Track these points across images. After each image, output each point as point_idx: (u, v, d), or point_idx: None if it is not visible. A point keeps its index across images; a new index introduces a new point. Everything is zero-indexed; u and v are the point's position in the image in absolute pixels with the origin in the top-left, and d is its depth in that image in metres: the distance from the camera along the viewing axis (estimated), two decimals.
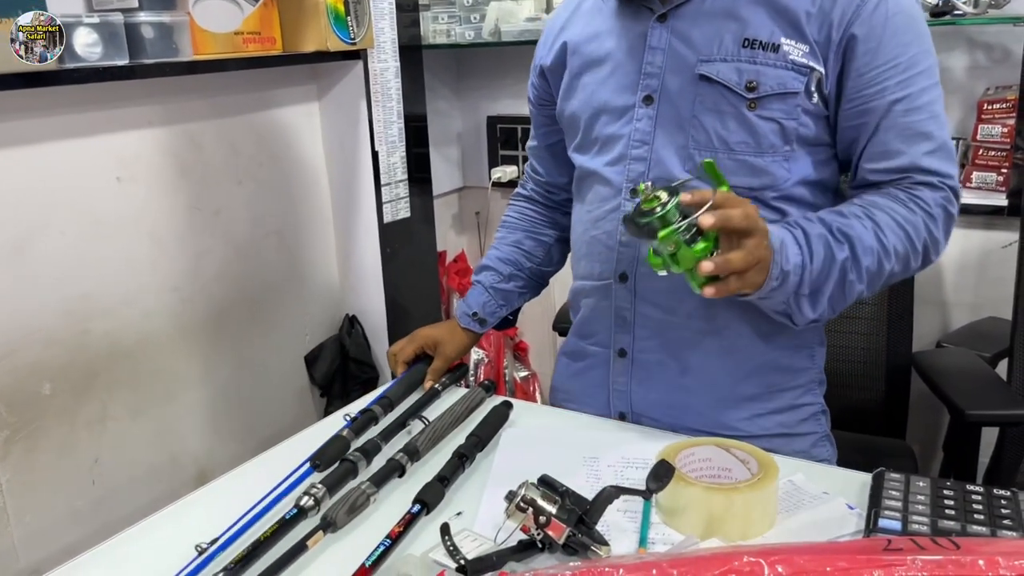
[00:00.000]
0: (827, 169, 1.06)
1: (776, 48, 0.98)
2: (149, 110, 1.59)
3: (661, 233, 0.85)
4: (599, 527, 0.84)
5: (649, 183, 0.88)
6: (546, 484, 0.89)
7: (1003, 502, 0.86)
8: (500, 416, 1.16)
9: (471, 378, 2.46)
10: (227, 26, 1.63)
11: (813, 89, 0.99)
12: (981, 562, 0.67)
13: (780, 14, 0.99)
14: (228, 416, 1.83)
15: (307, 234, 1.99)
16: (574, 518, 0.82)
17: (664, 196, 0.86)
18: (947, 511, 0.85)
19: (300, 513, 0.93)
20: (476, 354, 2.52)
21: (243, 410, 1.86)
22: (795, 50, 0.98)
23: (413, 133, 2.09)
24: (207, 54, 1.58)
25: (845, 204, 1.02)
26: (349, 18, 1.77)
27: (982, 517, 0.83)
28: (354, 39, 1.80)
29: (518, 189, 1.41)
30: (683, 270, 0.88)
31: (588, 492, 0.88)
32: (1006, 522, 0.83)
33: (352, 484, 0.99)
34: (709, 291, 0.88)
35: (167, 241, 1.65)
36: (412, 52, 2.05)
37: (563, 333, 1.84)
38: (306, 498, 0.94)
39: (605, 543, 0.82)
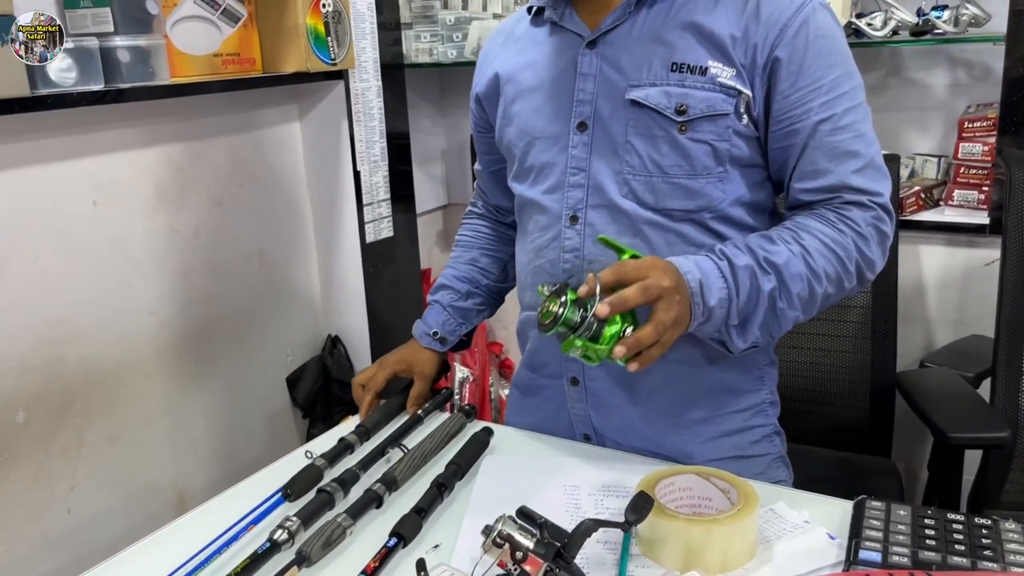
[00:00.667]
0: (762, 191, 1.07)
1: (704, 71, 1.00)
2: (126, 133, 1.58)
3: (563, 345, 0.87)
4: (578, 559, 0.83)
5: (544, 286, 0.91)
6: (524, 516, 0.88)
7: (984, 531, 0.86)
8: (480, 443, 1.15)
9: (456, 397, 2.44)
10: (205, 48, 1.62)
11: (742, 111, 1.00)
12: None
13: (707, 38, 1.00)
14: (208, 440, 1.81)
15: (288, 255, 1.98)
16: (552, 552, 0.81)
17: (556, 307, 0.88)
18: (928, 541, 0.84)
19: (273, 547, 0.91)
20: (461, 372, 2.50)
21: (224, 434, 1.84)
22: (723, 72, 0.99)
23: (396, 151, 2.08)
24: (185, 76, 1.57)
25: (776, 228, 1.02)
26: (329, 39, 1.77)
27: (963, 548, 0.83)
28: (335, 59, 1.79)
29: (470, 208, 1.39)
30: (601, 361, 0.89)
31: (568, 522, 0.86)
32: (987, 552, 0.82)
33: (328, 516, 0.97)
34: (633, 366, 0.89)
35: (145, 264, 1.64)
36: (394, 71, 2.05)
37: None
38: (280, 531, 0.92)
39: None
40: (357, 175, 1.97)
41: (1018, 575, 0.79)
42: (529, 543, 0.80)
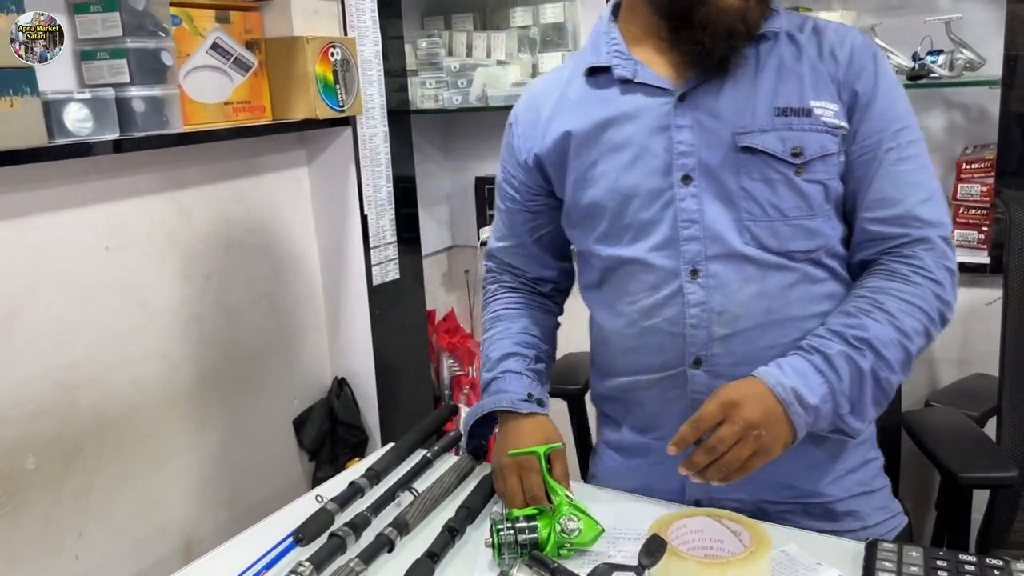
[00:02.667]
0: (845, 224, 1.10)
1: (808, 112, 1.02)
2: (139, 179, 1.60)
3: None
4: None
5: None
6: (538, 562, 0.89)
7: (996, 572, 0.86)
8: (490, 486, 1.15)
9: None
10: (217, 96, 1.65)
11: (842, 147, 1.04)
12: None
13: (804, 79, 1.03)
14: (216, 484, 1.80)
15: (296, 298, 1.99)
16: None
17: (489, 538, 0.97)
18: None
19: None
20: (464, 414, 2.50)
21: (231, 477, 1.84)
22: (826, 111, 1.02)
23: (402, 194, 2.10)
24: (197, 124, 1.61)
25: (851, 300, 1.03)
26: (338, 86, 1.80)
27: None
28: (343, 106, 1.82)
29: (495, 286, 1.30)
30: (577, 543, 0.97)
31: (581, 566, 0.87)
32: None
33: (340, 561, 0.98)
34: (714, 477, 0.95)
35: (156, 308, 1.65)
36: (400, 116, 2.09)
37: (552, 395, 1.82)
38: None
39: None
40: (364, 219, 1.99)
41: None
42: None
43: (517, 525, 0.95)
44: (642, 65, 1.07)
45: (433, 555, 0.97)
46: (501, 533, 0.95)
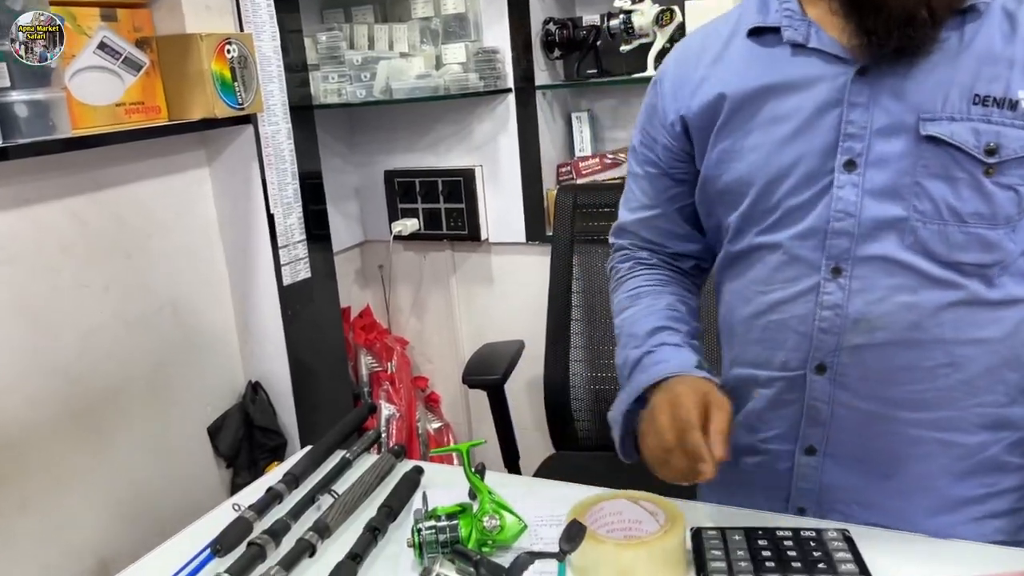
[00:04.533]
0: None
1: (1014, 105, 0.87)
2: (25, 188, 1.53)
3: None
4: None
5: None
6: (460, 554, 0.89)
7: (812, 544, 0.91)
8: (411, 483, 1.15)
9: (383, 436, 2.43)
10: (107, 98, 1.59)
11: None
12: None
13: (1016, 64, 0.87)
14: (128, 500, 1.74)
15: (203, 303, 1.94)
16: None
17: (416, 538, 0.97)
18: (767, 563, 0.88)
19: None
20: (387, 409, 2.49)
21: (144, 492, 1.78)
22: None
23: (309, 191, 2.07)
24: (87, 128, 1.54)
25: None
26: (236, 84, 1.75)
27: (799, 564, 0.88)
28: (242, 104, 1.78)
29: (626, 263, 1.17)
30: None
31: (502, 556, 0.87)
32: (820, 565, 0.87)
33: (261, 569, 0.96)
34: None
35: (51, 323, 1.58)
36: (304, 112, 2.04)
37: (473, 386, 1.83)
38: None
39: None
40: (271, 218, 1.95)
41: None
42: None
43: (438, 524, 0.96)
44: (817, 27, 0.93)
45: (356, 556, 0.97)
46: (422, 533, 0.95)
